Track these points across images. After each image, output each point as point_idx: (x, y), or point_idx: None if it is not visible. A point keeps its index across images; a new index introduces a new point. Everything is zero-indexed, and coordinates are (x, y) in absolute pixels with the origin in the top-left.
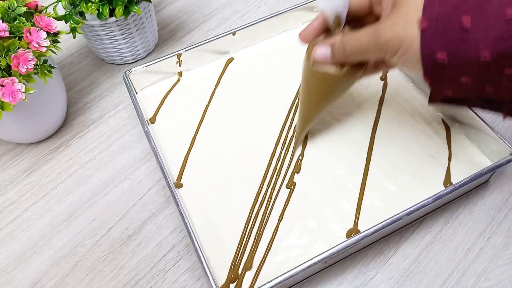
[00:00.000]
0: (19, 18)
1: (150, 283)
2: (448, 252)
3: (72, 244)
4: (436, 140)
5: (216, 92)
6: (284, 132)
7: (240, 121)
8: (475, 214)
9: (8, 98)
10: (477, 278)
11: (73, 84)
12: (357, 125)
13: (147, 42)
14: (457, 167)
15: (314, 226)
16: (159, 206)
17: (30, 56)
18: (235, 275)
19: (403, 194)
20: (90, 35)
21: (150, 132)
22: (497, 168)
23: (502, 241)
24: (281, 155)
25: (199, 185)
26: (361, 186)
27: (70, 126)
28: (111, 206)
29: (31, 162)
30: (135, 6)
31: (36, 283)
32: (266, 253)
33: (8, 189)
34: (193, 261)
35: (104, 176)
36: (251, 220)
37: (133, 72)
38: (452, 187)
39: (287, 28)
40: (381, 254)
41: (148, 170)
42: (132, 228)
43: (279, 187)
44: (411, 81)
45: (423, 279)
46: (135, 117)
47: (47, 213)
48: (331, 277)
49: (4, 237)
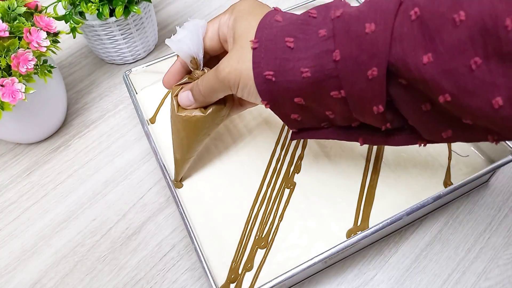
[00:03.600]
0: (19, 18)
1: (150, 283)
2: (448, 252)
3: (72, 244)
4: None
5: None
6: (284, 132)
7: (240, 120)
8: (475, 214)
9: (8, 98)
10: (477, 278)
11: (73, 84)
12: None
13: (147, 42)
14: (457, 167)
15: (314, 226)
16: (159, 206)
17: (30, 56)
18: (235, 275)
19: (403, 194)
20: (90, 35)
21: (150, 132)
22: (497, 168)
23: (502, 241)
24: (281, 155)
25: (199, 185)
26: (361, 186)
27: (70, 126)
28: (111, 206)
29: (31, 162)
30: (135, 6)
31: (36, 283)
32: (266, 253)
33: (8, 189)
34: (193, 261)
35: (104, 176)
36: (251, 220)
37: (133, 72)
38: (452, 187)
39: None
40: (381, 254)
41: (148, 170)
42: (132, 228)
43: (279, 187)
44: None
45: (423, 279)
46: (135, 117)
47: (47, 213)
48: (331, 277)
49: (4, 237)
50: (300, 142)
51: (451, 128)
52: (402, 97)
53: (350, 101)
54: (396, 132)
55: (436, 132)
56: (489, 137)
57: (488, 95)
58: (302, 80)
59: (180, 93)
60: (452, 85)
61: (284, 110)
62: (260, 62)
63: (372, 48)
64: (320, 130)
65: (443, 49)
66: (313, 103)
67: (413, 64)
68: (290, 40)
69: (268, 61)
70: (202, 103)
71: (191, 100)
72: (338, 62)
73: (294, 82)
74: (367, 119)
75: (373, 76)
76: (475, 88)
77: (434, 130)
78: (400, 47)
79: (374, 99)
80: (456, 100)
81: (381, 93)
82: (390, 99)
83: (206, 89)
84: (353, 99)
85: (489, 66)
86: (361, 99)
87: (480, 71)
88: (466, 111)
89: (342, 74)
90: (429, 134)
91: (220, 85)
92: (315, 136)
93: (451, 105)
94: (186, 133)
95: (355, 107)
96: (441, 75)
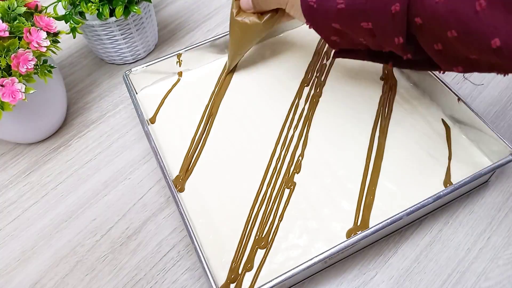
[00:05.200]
0: (19, 18)
1: (150, 283)
2: (448, 252)
3: (72, 244)
4: (436, 140)
5: (216, 92)
6: (284, 132)
7: (240, 120)
8: (475, 214)
9: (8, 98)
10: (477, 278)
11: (73, 84)
12: (357, 125)
13: (147, 42)
14: (457, 167)
15: (314, 226)
16: (159, 206)
17: (30, 56)
18: (235, 275)
19: (403, 194)
20: (90, 35)
21: (150, 132)
22: (497, 168)
23: (502, 241)
24: (281, 155)
25: (199, 185)
26: (361, 186)
27: (70, 126)
28: (111, 206)
29: (31, 162)
30: (135, 6)
31: (36, 283)
32: (266, 253)
33: (8, 189)
34: (193, 261)
35: (104, 176)
36: (251, 220)
37: (133, 72)
38: (452, 187)
39: (287, 27)
40: (381, 254)
41: (148, 170)
42: (132, 228)
43: (279, 187)
44: (411, 81)
45: (423, 279)
46: (135, 117)
47: (47, 213)
48: (331, 277)
49: (4, 237)
50: (300, 141)
51: (461, 65)
52: (418, 35)
53: (376, 32)
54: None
55: (449, 66)
56: (495, 71)
57: (488, 35)
58: (338, 11)
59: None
60: (458, 22)
61: (325, 32)
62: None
63: None
64: (358, 52)
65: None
66: (348, 29)
67: (428, 2)
68: None
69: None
70: (259, 10)
71: (250, 5)
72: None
73: (331, 11)
74: (391, 48)
75: (395, 10)
76: (477, 27)
77: (447, 65)
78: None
79: (395, 31)
80: (461, 36)
81: (402, 26)
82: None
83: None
84: (378, 31)
85: (493, 11)
86: (384, 31)
87: (483, 13)
88: (471, 47)
89: (370, 8)
90: (444, 67)
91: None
92: (353, 57)
93: (458, 41)
94: (242, 33)
95: (380, 37)
96: (449, 13)
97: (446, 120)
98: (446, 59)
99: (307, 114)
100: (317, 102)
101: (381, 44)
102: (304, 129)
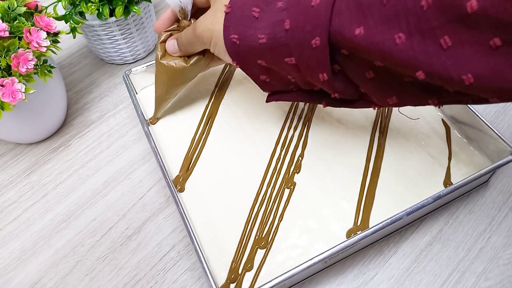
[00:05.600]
0: (19, 18)
1: (150, 283)
2: (448, 252)
3: (72, 244)
4: (436, 140)
5: (217, 91)
6: (284, 132)
7: (240, 120)
8: (475, 214)
9: (8, 98)
10: (477, 278)
11: (73, 84)
12: (357, 125)
13: (147, 42)
14: (457, 167)
15: (314, 226)
16: (159, 206)
17: (30, 56)
18: (235, 275)
19: (403, 194)
20: (90, 35)
21: (150, 132)
22: (497, 168)
23: (502, 241)
24: (281, 155)
25: (199, 185)
26: (361, 186)
27: (70, 126)
28: (111, 206)
29: (31, 162)
30: (135, 6)
31: (36, 283)
32: (266, 253)
33: (8, 189)
34: (193, 261)
35: (104, 176)
36: (251, 220)
37: (133, 72)
38: (452, 187)
39: None
40: (381, 254)
41: (148, 170)
42: (132, 228)
43: (279, 187)
44: None
45: (423, 279)
46: (135, 117)
47: (47, 213)
48: (331, 277)
49: (4, 237)
50: (300, 141)
51: (395, 94)
52: (348, 66)
53: (300, 67)
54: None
55: (383, 98)
56: (429, 101)
57: (412, 68)
58: (260, 46)
59: (168, 40)
60: (381, 54)
61: (252, 70)
62: (229, 26)
63: (315, 19)
64: (290, 93)
65: (373, 23)
66: (274, 65)
67: (348, 35)
68: (256, 10)
69: (235, 26)
70: (185, 53)
71: (176, 48)
72: (288, 31)
73: (253, 47)
74: (318, 85)
75: (316, 45)
76: (399, 60)
77: (381, 96)
78: (339, 19)
79: (319, 67)
80: (388, 65)
81: (325, 61)
82: (340, 69)
83: (186, 41)
84: (302, 66)
85: (412, 42)
86: (308, 67)
87: (403, 45)
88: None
89: (291, 42)
90: (377, 99)
91: (196, 40)
92: (285, 98)
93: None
94: (167, 77)
95: (306, 73)
96: (370, 45)
97: (446, 120)
98: (379, 87)
99: (307, 114)
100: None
101: (308, 80)
102: (304, 129)
